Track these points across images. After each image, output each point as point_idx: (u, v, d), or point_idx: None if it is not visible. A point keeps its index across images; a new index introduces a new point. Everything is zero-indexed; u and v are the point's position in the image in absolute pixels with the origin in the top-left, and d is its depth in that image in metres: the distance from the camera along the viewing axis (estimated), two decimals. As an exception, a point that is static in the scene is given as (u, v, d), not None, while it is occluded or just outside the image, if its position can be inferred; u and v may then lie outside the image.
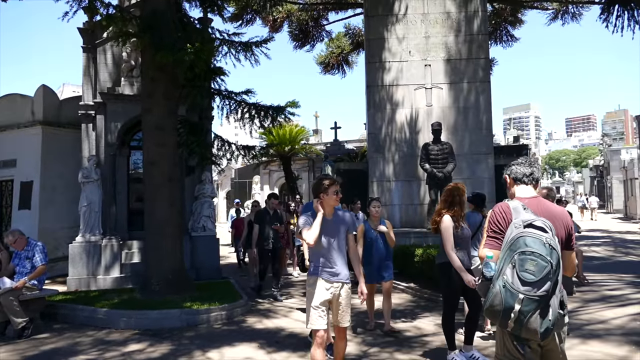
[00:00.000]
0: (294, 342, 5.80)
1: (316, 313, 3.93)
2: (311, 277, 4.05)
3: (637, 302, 7.37)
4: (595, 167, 49.61)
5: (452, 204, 4.96)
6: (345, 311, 4.06)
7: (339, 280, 4.00)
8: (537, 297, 2.36)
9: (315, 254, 4.04)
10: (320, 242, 3.97)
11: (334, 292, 3.98)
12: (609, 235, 18.78)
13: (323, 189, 3.99)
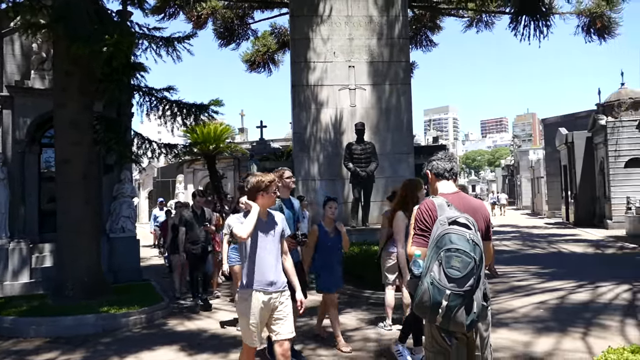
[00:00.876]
0: (216, 343, 5.72)
1: (254, 332, 3.52)
2: (244, 290, 3.55)
3: (541, 291, 8.03)
4: (506, 167, 53.25)
5: (406, 199, 4.90)
6: (287, 320, 3.62)
7: (276, 289, 3.57)
8: (463, 292, 2.45)
9: (248, 263, 3.56)
10: (255, 248, 3.54)
11: (273, 303, 3.55)
12: (518, 230, 20.26)
13: (264, 186, 3.59)
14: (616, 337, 5.30)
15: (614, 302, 7.05)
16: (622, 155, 18.32)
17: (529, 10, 14.35)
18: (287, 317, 3.62)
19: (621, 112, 19.00)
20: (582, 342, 5.26)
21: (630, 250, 12.94)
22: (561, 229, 20.32)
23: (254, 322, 3.50)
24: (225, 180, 18.91)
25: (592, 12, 15.28)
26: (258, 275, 3.52)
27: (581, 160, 21.25)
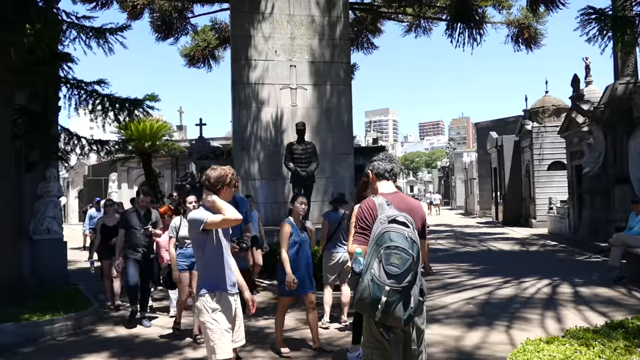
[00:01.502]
0: (148, 348, 5.51)
1: (228, 337, 3.24)
2: (213, 293, 3.28)
3: (471, 287, 8.38)
4: (442, 168, 55.36)
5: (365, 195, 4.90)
6: (242, 324, 3.49)
7: (237, 290, 3.41)
8: (401, 288, 2.53)
9: (214, 264, 3.30)
10: (220, 247, 3.33)
11: (235, 305, 3.35)
12: (452, 230, 21.09)
13: (229, 180, 3.35)
14: (537, 329, 5.63)
15: (536, 296, 7.50)
16: (545, 158, 19.55)
17: (464, 19, 14.97)
18: (241, 321, 3.51)
19: (545, 118, 20.27)
20: (506, 335, 5.54)
21: (551, 247, 13.84)
22: (491, 228, 21.37)
23: (227, 327, 3.26)
24: (161, 179, 18.32)
25: (521, 23, 16.20)
26: (224, 276, 3.32)
27: (509, 162, 22.45)
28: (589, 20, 9.62)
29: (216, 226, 3.26)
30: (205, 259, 3.33)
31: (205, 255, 3.32)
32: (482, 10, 15.97)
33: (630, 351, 2.50)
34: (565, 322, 5.92)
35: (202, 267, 3.36)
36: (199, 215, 3.29)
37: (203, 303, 3.25)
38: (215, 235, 3.29)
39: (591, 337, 2.74)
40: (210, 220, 3.21)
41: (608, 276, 8.56)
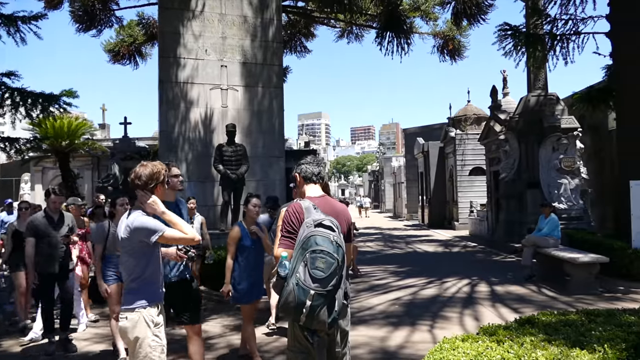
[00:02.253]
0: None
1: (165, 356, 2.98)
2: (156, 306, 2.97)
3: (397, 288, 8.63)
4: (372, 172, 56.74)
5: None
6: None
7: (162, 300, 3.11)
8: (325, 292, 2.54)
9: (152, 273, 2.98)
10: (158, 255, 3.03)
11: None
12: (380, 232, 21.64)
13: (162, 178, 3.04)
14: (456, 327, 5.90)
15: (456, 296, 7.86)
16: (467, 164, 20.64)
17: (393, 28, 15.47)
18: None
19: (467, 126, 21.41)
20: (429, 334, 5.75)
21: (471, 248, 14.60)
22: (417, 230, 22.19)
23: (165, 344, 2.98)
24: (80, 180, 17.28)
25: (446, 35, 17.02)
26: (161, 288, 3.05)
27: (435, 167, 23.45)
28: (506, 35, 10.31)
29: (171, 242, 3.00)
30: (148, 270, 2.97)
31: (149, 267, 2.97)
32: (410, 21, 16.62)
33: (535, 345, 2.68)
34: (482, 319, 6.24)
35: (142, 279, 2.94)
36: (153, 224, 2.90)
37: (145, 317, 2.89)
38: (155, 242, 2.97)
39: (502, 334, 2.90)
40: (169, 235, 2.91)
41: (520, 275, 9.17)
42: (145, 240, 2.88)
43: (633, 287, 7.90)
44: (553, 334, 2.97)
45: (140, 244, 2.91)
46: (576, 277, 7.97)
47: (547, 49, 10.46)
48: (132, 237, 2.90)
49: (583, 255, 8.13)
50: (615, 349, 2.72)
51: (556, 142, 12.85)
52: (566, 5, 10.31)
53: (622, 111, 9.37)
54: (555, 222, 9.30)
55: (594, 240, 9.16)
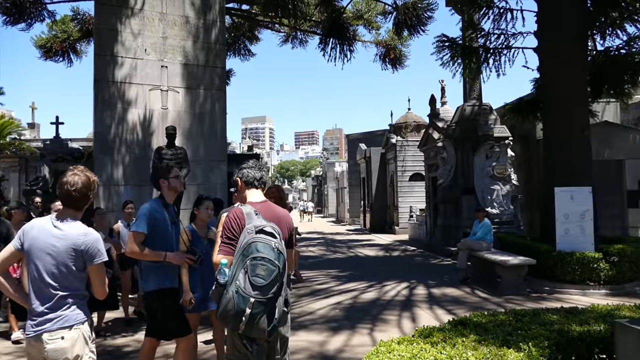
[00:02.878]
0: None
1: None
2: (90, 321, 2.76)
3: (338, 293, 8.71)
4: (316, 177, 57.10)
5: (282, 203, 4.52)
6: None
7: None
8: (266, 300, 2.52)
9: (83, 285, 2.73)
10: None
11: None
12: (323, 237, 21.79)
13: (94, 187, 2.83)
14: (394, 330, 6.04)
15: (396, 299, 8.05)
16: (407, 170, 21.23)
17: (336, 35, 15.67)
18: None
19: (407, 133, 22.05)
20: (368, 337, 5.85)
21: (410, 252, 15.02)
22: (359, 234, 22.54)
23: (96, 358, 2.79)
24: (6, 183, 16.16)
25: (388, 44, 17.46)
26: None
27: (376, 173, 23.95)
28: (443, 47, 10.72)
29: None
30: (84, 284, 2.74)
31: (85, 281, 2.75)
32: (353, 29, 16.90)
33: (467, 346, 2.79)
34: (419, 321, 6.43)
35: (78, 295, 2.70)
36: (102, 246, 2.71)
37: (84, 333, 2.68)
38: None
39: (436, 335, 3.00)
40: None
41: (456, 277, 9.53)
42: (95, 260, 2.66)
43: (557, 287, 8.42)
44: (483, 334, 3.11)
45: (83, 259, 2.65)
46: (506, 279, 8.40)
47: (482, 61, 10.98)
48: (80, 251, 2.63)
49: (513, 257, 8.58)
50: (539, 347, 2.89)
51: (489, 150, 13.51)
52: (498, 21, 10.89)
53: (547, 122, 10.00)
54: (488, 226, 9.75)
55: (523, 244, 9.68)
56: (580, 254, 8.36)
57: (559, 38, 9.41)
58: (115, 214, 10.30)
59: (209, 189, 11.20)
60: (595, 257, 8.31)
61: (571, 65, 9.32)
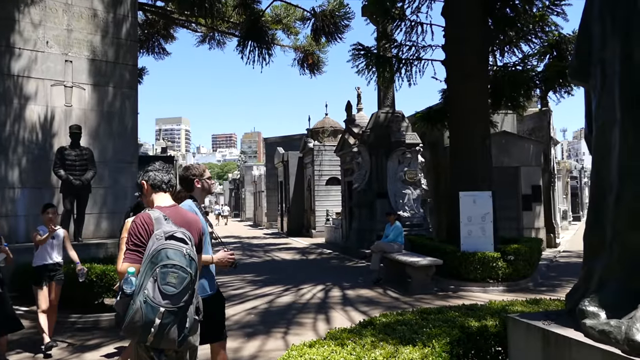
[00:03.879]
0: None
1: None
2: None
3: (254, 297, 8.63)
4: (233, 180, 56.22)
5: None
6: None
7: None
8: (177, 309, 2.41)
9: None
10: None
11: None
12: (240, 241, 21.50)
13: None
14: (309, 332, 6.10)
15: (311, 302, 8.14)
16: (324, 174, 21.60)
17: (255, 37, 15.60)
18: None
19: (324, 137, 22.45)
20: (282, 341, 5.86)
21: (327, 255, 15.28)
22: (277, 238, 22.52)
23: None
24: None
25: (306, 49, 17.68)
26: None
27: (294, 177, 24.10)
28: (359, 55, 11.08)
29: None
30: None
31: None
32: (272, 33, 16.92)
33: (375, 345, 2.89)
34: (333, 323, 6.56)
35: None
36: None
37: None
38: None
39: (346, 337, 3.08)
40: None
41: (370, 279, 9.85)
42: None
43: (461, 286, 8.99)
44: (391, 333, 3.24)
45: None
46: (416, 279, 8.82)
47: (394, 71, 11.48)
48: None
49: (422, 258, 9.03)
50: (441, 343, 3.06)
51: (401, 156, 14.14)
52: (410, 33, 11.46)
53: (453, 131, 10.68)
54: (399, 229, 10.18)
55: (431, 245, 10.23)
56: (481, 254, 9.00)
57: (463, 53, 10.10)
58: (9, 219, 9.44)
59: (118, 193, 10.62)
60: (495, 257, 8.99)
61: (474, 79, 10.04)
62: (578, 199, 33.08)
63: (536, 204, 14.95)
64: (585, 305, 2.45)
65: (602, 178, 2.63)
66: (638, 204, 2.39)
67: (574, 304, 2.62)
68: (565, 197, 27.71)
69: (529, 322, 2.69)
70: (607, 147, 2.58)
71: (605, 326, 2.28)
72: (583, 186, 33.97)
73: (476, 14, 10.12)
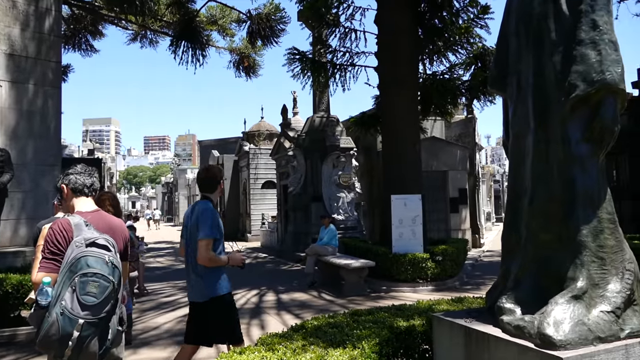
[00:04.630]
0: None
1: None
2: None
3: (186, 304, 8.36)
4: (167, 184, 54.45)
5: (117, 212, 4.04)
6: None
7: None
8: (97, 320, 2.28)
9: None
10: None
11: None
12: (172, 246, 20.82)
13: None
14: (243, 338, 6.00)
15: (245, 307, 8.03)
16: (260, 178, 21.45)
17: (189, 38, 15.23)
18: None
19: (260, 141, 22.32)
20: (214, 349, 5.71)
21: (262, 259, 15.16)
22: (211, 243, 22.01)
23: None
24: None
25: (242, 52, 17.50)
26: None
27: (229, 180, 23.75)
28: (294, 59, 11.12)
29: None
30: None
31: None
32: (207, 33, 16.59)
33: (306, 349, 2.90)
34: (267, 327, 6.50)
35: None
36: None
37: None
38: None
39: (277, 342, 3.06)
40: None
41: (304, 282, 9.87)
42: None
43: (393, 286, 9.24)
44: (322, 336, 3.26)
45: None
46: (349, 281, 8.96)
47: (329, 76, 11.64)
48: None
49: (355, 261, 9.19)
50: (371, 344, 3.12)
51: (336, 160, 14.34)
52: (344, 40, 11.67)
53: (385, 136, 10.98)
54: (333, 232, 10.31)
55: (365, 247, 10.44)
56: (411, 255, 9.31)
57: (395, 60, 10.42)
58: None
59: (39, 197, 9.93)
60: (424, 257, 9.32)
61: (405, 86, 10.39)
62: (500, 201, 35.11)
63: (463, 207, 15.69)
64: (503, 302, 2.60)
65: (518, 182, 2.80)
66: (548, 206, 2.57)
67: (493, 302, 2.76)
68: (489, 200, 29.31)
69: (453, 320, 2.81)
70: (522, 154, 2.76)
71: (520, 322, 2.42)
72: (505, 189, 36.13)
73: (407, 23, 10.48)
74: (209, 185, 3.75)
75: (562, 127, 2.57)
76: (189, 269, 3.86)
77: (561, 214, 2.53)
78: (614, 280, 2.44)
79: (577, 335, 2.24)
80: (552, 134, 2.60)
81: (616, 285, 2.43)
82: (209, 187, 3.76)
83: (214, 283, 3.77)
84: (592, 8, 2.55)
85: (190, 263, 3.81)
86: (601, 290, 2.42)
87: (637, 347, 2.31)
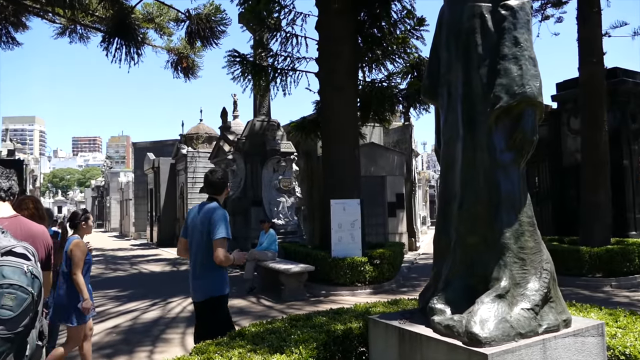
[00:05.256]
0: None
1: None
2: None
3: (116, 315, 8.02)
4: (97, 188, 51.90)
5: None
6: None
7: None
8: (13, 335, 2.06)
9: None
10: None
11: None
12: (103, 254, 19.87)
13: None
14: (177, 348, 5.84)
15: (181, 315, 7.81)
16: (198, 181, 20.95)
17: (123, 35, 14.62)
18: None
19: (199, 144, 21.84)
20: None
21: (200, 265, 14.78)
22: (145, 249, 21.23)
23: None
24: None
25: (180, 52, 17.03)
26: None
27: (166, 184, 23.03)
28: (235, 62, 11.00)
29: None
30: None
31: None
32: (143, 31, 16.01)
33: (243, 357, 2.87)
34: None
35: None
36: None
37: None
38: None
39: (213, 350, 3.00)
40: None
41: (243, 288, 9.74)
42: None
43: (332, 291, 9.32)
44: (260, 343, 3.24)
45: None
46: (289, 286, 8.94)
47: (270, 80, 11.60)
48: None
49: (294, 265, 9.19)
50: (308, 349, 3.14)
51: (276, 164, 14.30)
52: (285, 44, 11.67)
53: (325, 141, 11.09)
54: (273, 236, 10.26)
55: (304, 252, 10.47)
56: (350, 259, 9.43)
57: (335, 67, 10.57)
58: None
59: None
60: (362, 261, 9.48)
61: (344, 93, 10.55)
62: (435, 205, 36.47)
63: (400, 211, 16.13)
64: (434, 303, 2.70)
65: (448, 187, 2.93)
66: (474, 209, 2.71)
67: (425, 303, 2.86)
68: (424, 204, 30.37)
69: (387, 322, 2.89)
70: (452, 159, 2.89)
71: (450, 321, 2.53)
72: (440, 194, 37.55)
73: (347, 31, 10.66)
74: (215, 187, 3.96)
75: (488, 136, 2.73)
76: (195, 268, 3.93)
77: (487, 218, 2.68)
78: (533, 279, 2.61)
79: (500, 332, 2.37)
80: (479, 141, 2.75)
81: (535, 284, 2.60)
82: (215, 189, 3.95)
83: (220, 282, 3.92)
84: (514, 26, 2.73)
85: (197, 262, 3.89)
86: (522, 289, 2.58)
87: (553, 341, 2.48)
